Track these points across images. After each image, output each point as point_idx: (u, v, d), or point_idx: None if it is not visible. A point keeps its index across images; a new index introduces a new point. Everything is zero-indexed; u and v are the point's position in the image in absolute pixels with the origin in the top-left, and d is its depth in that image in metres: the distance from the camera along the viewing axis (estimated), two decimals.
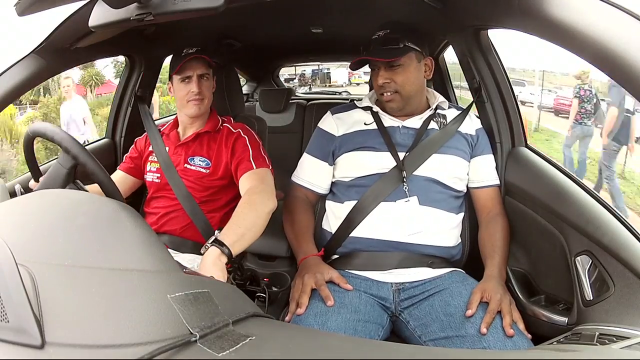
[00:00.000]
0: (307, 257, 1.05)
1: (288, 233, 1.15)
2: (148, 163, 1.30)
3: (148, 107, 1.53)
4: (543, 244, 0.98)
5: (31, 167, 0.99)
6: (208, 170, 1.23)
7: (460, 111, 1.16)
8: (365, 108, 1.16)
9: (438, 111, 1.15)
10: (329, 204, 1.15)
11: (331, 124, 1.17)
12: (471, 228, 1.15)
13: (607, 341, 0.66)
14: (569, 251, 0.86)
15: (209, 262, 0.83)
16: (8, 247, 0.46)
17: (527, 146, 1.15)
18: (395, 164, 1.06)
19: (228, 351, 0.43)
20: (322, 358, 0.46)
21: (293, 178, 1.20)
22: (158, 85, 1.31)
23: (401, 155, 1.08)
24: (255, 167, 1.15)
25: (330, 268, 1.01)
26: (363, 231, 1.05)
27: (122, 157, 1.40)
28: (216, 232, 0.90)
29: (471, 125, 1.15)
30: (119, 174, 1.33)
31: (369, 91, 1.29)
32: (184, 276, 0.55)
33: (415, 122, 1.13)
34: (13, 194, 1.08)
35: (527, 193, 1.03)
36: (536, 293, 1.00)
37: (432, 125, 1.12)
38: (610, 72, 0.60)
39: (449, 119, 1.14)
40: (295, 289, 0.98)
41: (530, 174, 1.05)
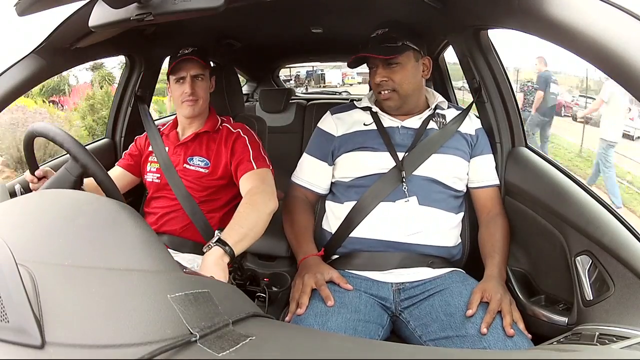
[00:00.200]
0: (307, 257, 1.05)
1: (288, 233, 1.15)
2: (148, 163, 1.30)
3: (148, 107, 1.53)
4: (543, 244, 0.98)
5: (31, 166, 0.99)
6: (207, 170, 1.23)
7: (459, 111, 1.16)
8: (364, 108, 1.16)
9: (437, 111, 1.15)
10: (329, 204, 1.15)
11: (331, 124, 1.17)
12: (471, 228, 1.15)
13: (607, 341, 0.66)
14: (569, 251, 0.86)
15: (211, 262, 0.83)
16: (8, 247, 0.46)
17: (527, 146, 1.15)
18: (394, 164, 1.06)
19: (228, 351, 0.43)
20: (322, 358, 0.46)
21: (293, 178, 1.20)
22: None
23: (400, 155, 1.08)
24: (255, 168, 1.15)
25: (330, 268, 1.01)
26: (363, 231, 1.05)
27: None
28: (217, 232, 0.89)
29: (471, 125, 1.15)
30: (117, 170, 1.32)
31: (369, 91, 1.30)
32: (184, 276, 0.55)
33: (414, 122, 1.13)
34: (13, 194, 1.09)
35: (527, 193, 1.03)
36: (536, 293, 1.00)
37: (432, 125, 1.12)
38: (610, 72, 0.60)
39: (449, 119, 1.14)
40: (295, 289, 0.98)
41: (530, 174, 1.05)
